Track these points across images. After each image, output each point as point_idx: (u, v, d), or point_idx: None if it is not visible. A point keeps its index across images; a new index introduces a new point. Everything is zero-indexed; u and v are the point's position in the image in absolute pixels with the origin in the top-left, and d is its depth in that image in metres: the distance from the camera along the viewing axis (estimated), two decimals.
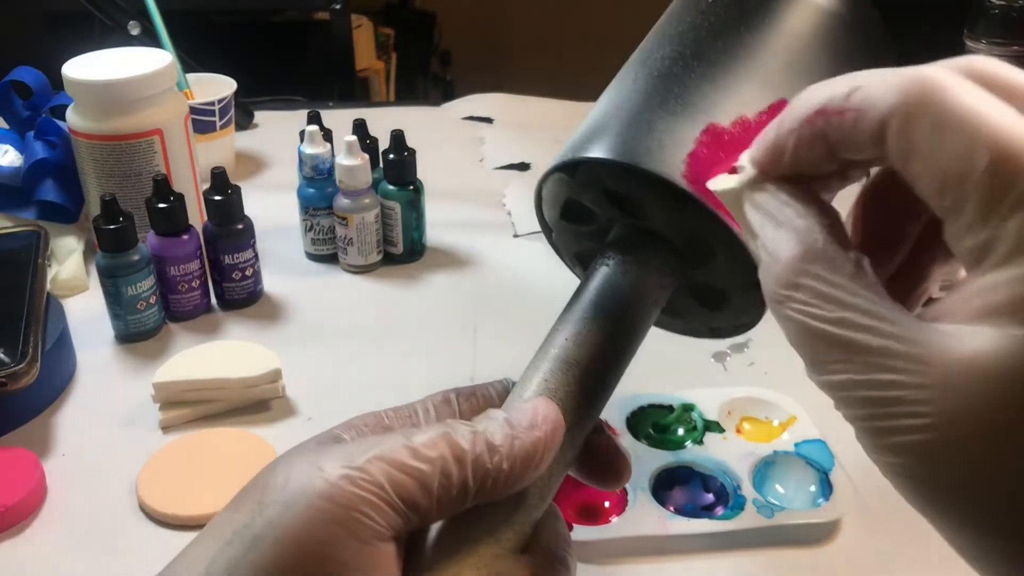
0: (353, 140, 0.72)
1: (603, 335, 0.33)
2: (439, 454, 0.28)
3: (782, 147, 0.26)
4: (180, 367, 0.60)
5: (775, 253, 0.25)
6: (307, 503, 0.26)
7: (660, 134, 0.32)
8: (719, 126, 0.32)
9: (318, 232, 0.77)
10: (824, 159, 0.25)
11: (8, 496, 0.51)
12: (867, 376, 0.22)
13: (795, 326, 0.24)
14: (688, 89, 0.33)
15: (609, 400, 0.34)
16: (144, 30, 0.95)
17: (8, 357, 0.57)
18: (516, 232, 0.84)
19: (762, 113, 0.32)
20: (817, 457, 0.54)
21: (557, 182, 0.37)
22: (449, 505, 0.28)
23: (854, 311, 0.23)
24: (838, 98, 0.24)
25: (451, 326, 0.70)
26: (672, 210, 0.33)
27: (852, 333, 0.23)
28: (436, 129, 1.08)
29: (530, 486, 0.30)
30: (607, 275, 0.34)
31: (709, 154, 0.31)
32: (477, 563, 0.28)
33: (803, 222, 0.25)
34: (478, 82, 1.33)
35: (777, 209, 0.26)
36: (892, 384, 0.22)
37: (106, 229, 0.64)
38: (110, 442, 0.58)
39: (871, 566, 0.49)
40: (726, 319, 0.36)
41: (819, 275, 0.24)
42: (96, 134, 0.71)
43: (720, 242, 0.32)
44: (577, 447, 0.33)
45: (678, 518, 0.50)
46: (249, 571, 0.25)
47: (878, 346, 0.22)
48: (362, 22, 2.00)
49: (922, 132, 0.22)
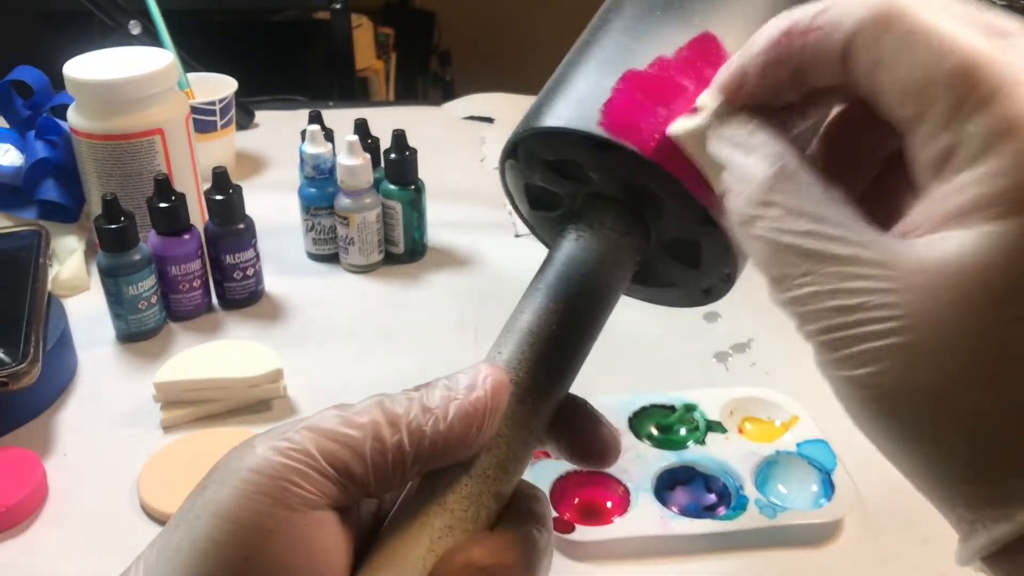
0: (355, 140, 0.72)
1: (556, 303, 0.33)
2: (371, 419, 0.28)
3: (745, 72, 0.27)
4: (181, 367, 0.60)
5: (745, 175, 0.26)
6: (239, 477, 0.26)
7: (579, 93, 0.32)
8: (635, 70, 0.32)
9: (319, 232, 0.77)
10: (788, 85, 0.26)
11: (9, 496, 0.51)
12: (835, 285, 0.22)
13: (763, 244, 0.24)
14: (605, 47, 0.33)
15: (611, 401, 0.34)
16: (145, 30, 0.95)
17: (9, 357, 0.56)
18: (517, 232, 0.84)
19: (681, 49, 0.32)
20: (819, 457, 0.54)
21: (512, 171, 0.37)
22: (387, 471, 0.28)
23: (824, 223, 0.23)
24: (805, 19, 0.25)
25: (452, 326, 0.70)
26: (602, 163, 0.33)
27: (821, 244, 0.23)
28: (437, 129, 1.08)
29: (484, 454, 0.30)
30: (562, 247, 0.34)
31: (626, 97, 0.31)
32: (430, 535, 0.28)
33: (775, 147, 0.26)
34: (478, 82, 1.33)
35: (747, 136, 0.26)
36: (860, 291, 0.22)
37: (107, 229, 0.64)
38: (111, 442, 0.58)
39: (873, 566, 0.49)
40: (711, 273, 0.36)
41: (792, 192, 0.24)
42: (97, 134, 0.71)
43: (657, 182, 0.32)
44: (543, 419, 0.32)
45: (680, 518, 0.50)
46: (189, 550, 0.26)
47: (847, 254, 0.23)
48: (362, 22, 2.00)
49: (888, 44, 0.23)
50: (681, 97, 0.31)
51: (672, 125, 0.30)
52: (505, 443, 0.30)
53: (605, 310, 0.34)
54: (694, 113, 0.29)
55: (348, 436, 0.27)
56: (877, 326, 0.22)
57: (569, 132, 0.32)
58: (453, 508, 0.29)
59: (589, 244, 0.34)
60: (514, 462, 0.31)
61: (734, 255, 0.33)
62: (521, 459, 0.31)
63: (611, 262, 0.34)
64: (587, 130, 0.31)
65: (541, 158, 0.35)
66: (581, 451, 0.33)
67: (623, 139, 0.31)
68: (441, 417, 0.28)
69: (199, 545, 0.25)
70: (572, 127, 0.32)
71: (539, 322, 0.32)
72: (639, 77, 0.32)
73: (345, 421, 0.28)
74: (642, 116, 0.31)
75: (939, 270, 0.21)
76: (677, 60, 0.32)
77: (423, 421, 0.28)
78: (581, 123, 0.31)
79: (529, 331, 0.32)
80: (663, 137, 0.31)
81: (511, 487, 0.31)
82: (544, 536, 0.30)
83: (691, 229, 0.34)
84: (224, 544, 0.25)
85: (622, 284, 0.35)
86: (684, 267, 0.36)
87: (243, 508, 0.26)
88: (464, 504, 0.29)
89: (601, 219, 0.34)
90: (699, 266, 0.35)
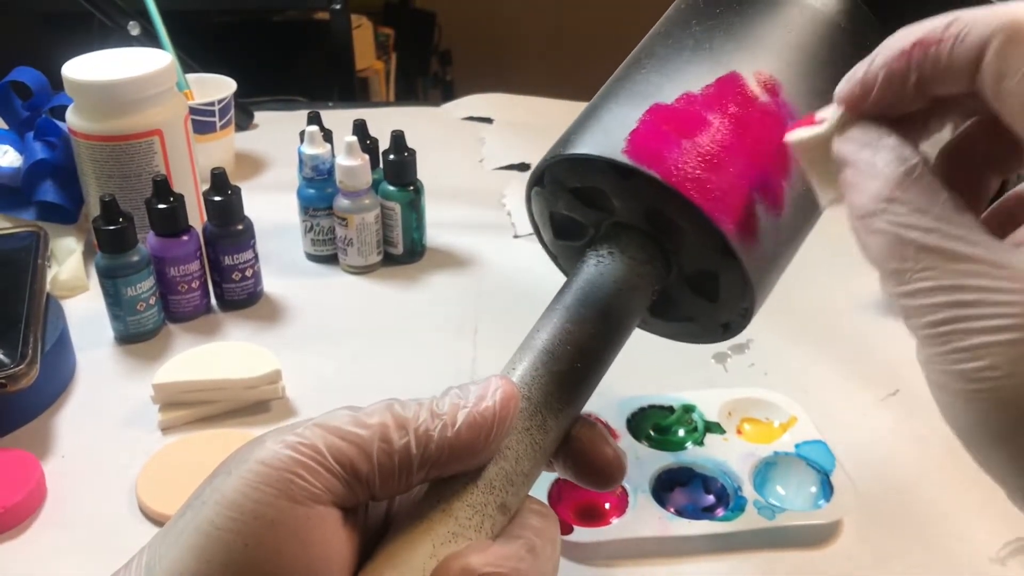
0: (353, 141, 0.72)
1: (573, 324, 0.33)
2: (379, 420, 0.28)
3: (872, 82, 0.28)
4: (180, 368, 0.60)
5: (873, 172, 0.26)
6: (246, 467, 0.27)
7: (605, 123, 0.33)
8: (662, 104, 0.33)
9: (318, 233, 0.77)
10: (912, 95, 0.27)
11: (8, 497, 0.51)
12: (954, 281, 0.24)
13: (884, 238, 0.26)
14: (636, 82, 0.34)
15: (610, 402, 0.34)
16: (144, 30, 0.95)
17: (8, 358, 0.56)
18: (516, 232, 0.84)
19: (708, 86, 0.33)
20: (818, 458, 0.54)
21: (538, 199, 0.38)
22: (392, 473, 0.28)
23: (947, 223, 0.24)
24: (937, 29, 0.26)
25: (451, 326, 0.70)
26: (625, 190, 0.33)
27: (945, 242, 0.24)
28: (436, 129, 1.08)
29: (491, 465, 0.30)
30: (582, 271, 0.35)
31: (651, 128, 0.32)
32: (432, 539, 0.28)
33: (904, 149, 0.27)
34: (478, 82, 1.33)
35: (876, 138, 0.27)
36: (979, 288, 0.23)
37: (106, 230, 0.64)
38: (110, 443, 0.58)
39: (872, 567, 0.49)
40: (729, 308, 0.36)
41: (919, 191, 0.25)
42: (96, 134, 0.71)
43: (678, 210, 0.32)
44: (552, 436, 0.32)
45: (679, 519, 0.50)
46: (192, 533, 0.26)
47: (968, 253, 0.24)
48: (362, 22, 2.00)
49: (1018, 55, 0.24)
50: (706, 131, 0.32)
51: (791, 133, 0.30)
52: (513, 456, 0.31)
53: (621, 335, 0.34)
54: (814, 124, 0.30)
55: (356, 435, 0.28)
56: (994, 321, 0.23)
57: (594, 159, 0.33)
58: (458, 515, 0.29)
59: (608, 269, 0.34)
60: (521, 476, 0.31)
61: (752, 289, 0.34)
62: (529, 474, 0.31)
63: (629, 289, 0.34)
64: (612, 157, 0.32)
65: (567, 185, 0.36)
66: (585, 470, 0.34)
67: (646, 166, 0.31)
68: (449, 424, 0.29)
69: (202, 529, 0.26)
70: (598, 154, 0.33)
71: (554, 342, 0.33)
72: (665, 110, 0.33)
73: (355, 421, 0.28)
74: (666, 146, 0.32)
75: None
76: (703, 96, 0.33)
77: (431, 426, 0.29)
78: (606, 150, 0.32)
79: (544, 350, 0.33)
80: (685, 166, 0.32)
81: (518, 500, 0.31)
82: (547, 549, 0.30)
83: (710, 260, 0.34)
84: (225, 529, 0.26)
85: (639, 312, 0.35)
86: (703, 300, 0.36)
87: (246, 496, 0.26)
88: (469, 512, 0.29)
89: (622, 246, 0.35)
90: (717, 299, 0.36)
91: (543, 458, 0.32)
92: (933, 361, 0.24)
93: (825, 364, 0.65)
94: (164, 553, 0.27)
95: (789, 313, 0.68)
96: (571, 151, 0.34)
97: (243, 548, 0.26)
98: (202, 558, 0.26)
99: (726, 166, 0.32)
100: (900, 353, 0.66)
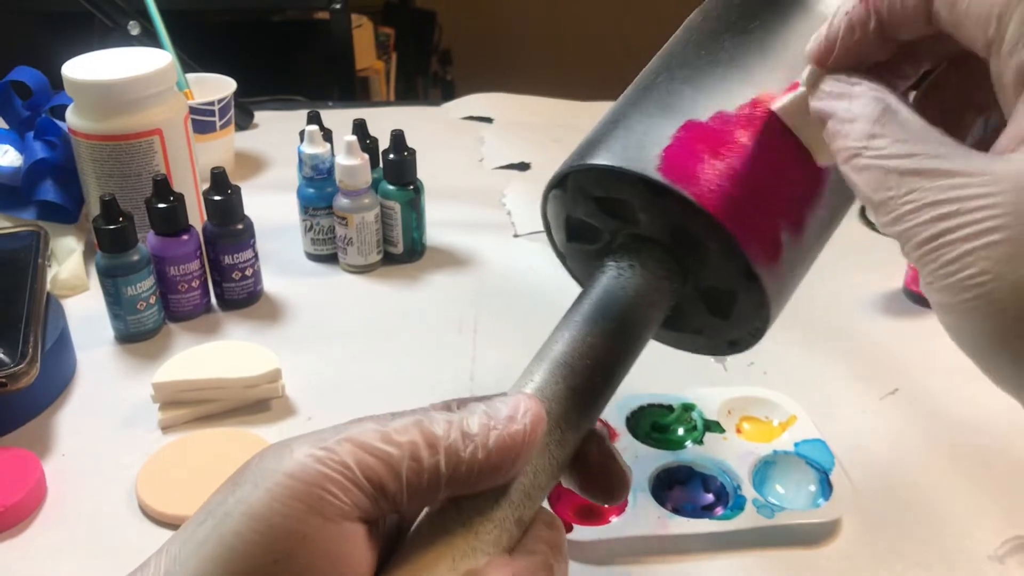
0: (353, 140, 0.72)
1: (594, 337, 0.33)
2: (409, 439, 0.28)
3: (833, 36, 0.29)
4: (180, 367, 0.60)
5: (851, 115, 0.27)
6: (274, 481, 0.26)
7: (639, 136, 0.33)
8: (696, 121, 0.33)
9: (318, 232, 0.77)
10: (876, 41, 0.28)
11: (8, 496, 0.51)
12: (936, 196, 0.24)
13: (870, 173, 0.26)
14: (670, 94, 0.34)
15: (609, 402, 0.34)
16: (144, 30, 0.95)
17: (8, 357, 0.57)
18: (516, 232, 0.84)
19: (743, 106, 0.33)
20: (817, 457, 0.54)
21: (555, 201, 0.38)
22: (420, 491, 0.28)
23: (926, 145, 0.25)
24: None
25: (451, 326, 0.70)
26: (654, 206, 0.33)
27: (924, 163, 0.25)
28: (436, 129, 1.08)
29: (513, 482, 0.30)
30: (601, 281, 0.35)
31: (686, 146, 0.32)
32: (452, 554, 0.28)
33: (875, 91, 0.27)
34: (478, 82, 1.33)
35: (848, 87, 0.28)
36: (960, 198, 0.23)
37: (106, 229, 0.64)
38: (110, 442, 0.58)
39: (871, 566, 0.49)
40: (740, 326, 0.36)
41: (894, 125, 0.26)
42: (96, 134, 0.71)
43: (708, 233, 0.32)
44: (568, 450, 0.32)
45: (678, 518, 0.50)
46: (216, 544, 0.26)
47: (948, 168, 0.24)
48: (362, 22, 2.00)
49: None
50: (739, 152, 0.32)
51: (775, 102, 0.31)
52: (532, 471, 0.31)
53: (637, 349, 0.34)
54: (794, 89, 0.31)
55: (387, 453, 0.28)
56: (977, 226, 0.23)
57: (627, 173, 0.32)
58: (478, 531, 0.29)
59: (629, 283, 0.34)
60: (538, 489, 0.31)
61: (768, 310, 0.34)
62: (544, 487, 0.31)
63: (648, 303, 0.34)
64: (645, 173, 0.32)
65: (591, 193, 0.35)
66: (592, 484, 0.34)
67: (681, 186, 0.31)
68: (480, 445, 0.29)
69: (227, 541, 0.26)
70: (630, 168, 0.32)
71: (574, 355, 0.33)
72: (700, 128, 0.32)
73: (385, 437, 0.28)
74: (701, 166, 0.32)
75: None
76: (738, 116, 0.32)
77: (461, 446, 0.28)
78: (639, 165, 0.32)
79: (564, 362, 0.32)
80: (719, 188, 0.31)
81: (533, 513, 0.31)
82: (560, 566, 0.31)
83: (731, 281, 0.34)
84: (253, 543, 0.26)
85: (655, 326, 0.35)
86: (715, 317, 0.36)
87: (276, 512, 0.26)
88: (489, 527, 0.29)
89: (643, 260, 0.34)
90: (730, 318, 0.35)
91: (559, 472, 0.32)
92: (930, 281, 0.24)
93: (825, 363, 0.65)
94: (184, 561, 0.26)
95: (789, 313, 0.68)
96: (601, 161, 0.33)
97: (272, 564, 0.26)
98: (227, 570, 0.25)
99: (758, 190, 0.32)
100: (900, 352, 0.66)
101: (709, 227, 0.32)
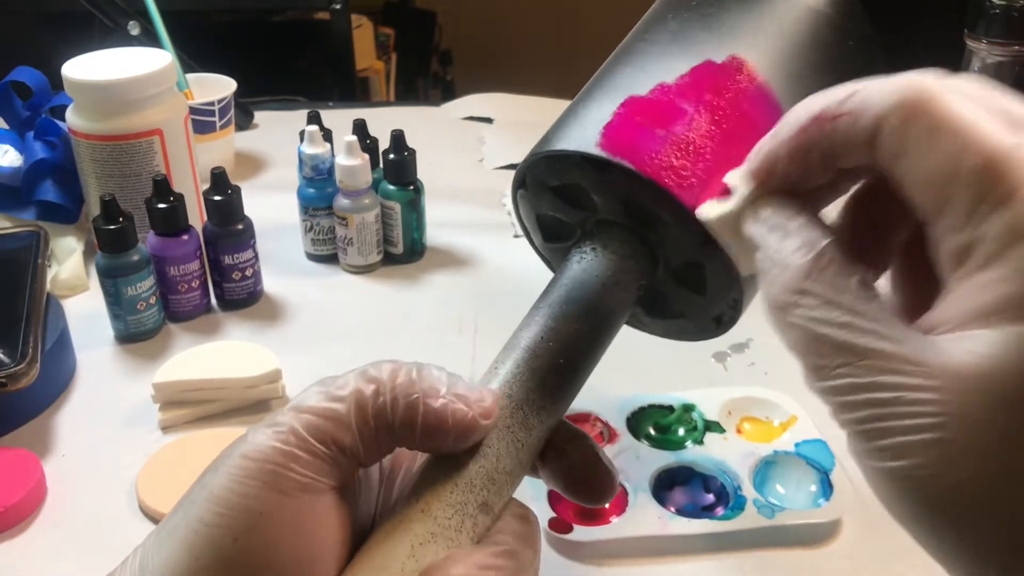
0: (353, 140, 0.72)
1: (556, 321, 0.33)
2: (352, 388, 0.29)
3: (776, 157, 0.27)
4: (180, 367, 0.60)
5: (783, 260, 0.26)
6: (232, 463, 0.27)
7: (581, 119, 0.34)
8: (637, 96, 0.33)
9: (318, 232, 0.77)
10: (818, 168, 0.26)
11: (8, 496, 0.51)
12: (871, 379, 0.23)
13: (799, 332, 0.25)
14: (613, 76, 0.35)
15: (610, 401, 0.34)
16: (144, 30, 0.95)
17: (8, 357, 0.57)
18: (516, 232, 0.84)
19: (682, 76, 0.33)
20: (818, 457, 0.54)
21: (524, 201, 0.38)
22: (374, 438, 0.28)
23: (860, 317, 0.23)
24: (834, 104, 0.25)
25: (451, 326, 0.70)
26: (601, 184, 0.34)
27: (858, 337, 0.23)
28: (436, 129, 1.08)
29: (471, 463, 0.30)
30: (565, 268, 0.35)
31: (625, 120, 0.32)
32: (411, 540, 0.28)
33: (812, 232, 0.26)
34: (478, 82, 1.33)
35: (785, 221, 0.27)
36: (896, 386, 0.22)
37: (106, 229, 0.64)
38: (110, 442, 0.58)
39: (871, 566, 0.49)
40: (718, 300, 0.36)
41: (828, 282, 0.24)
42: (96, 134, 0.71)
43: (654, 200, 0.32)
44: (536, 434, 0.32)
45: (678, 518, 0.50)
46: (184, 529, 0.27)
47: (881, 349, 0.23)
48: (362, 22, 2.00)
49: (915, 132, 0.23)
50: (679, 120, 0.32)
51: (702, 208, 0.30)
52: (494, 454, 0.31)
53: (606, 331, 0.34)
54: (724, 196, 0.29)
55: (331, 410, 0.28)
56: (913, 420, 0.22)
57: (570, 154, 0.33)
58: (437, 515, 0.29)
59: (591, 266, 0.34)
60: (503, 475, 0.31)
61: (737, 279, 0.34)
62: (511, 473, 0.31)
63: (613, 284, 0.34)
64: (586, 151, 0.32)
65: (548, 184, 0.36)
66: (576, 484, 0.33)
67: (621, 157, 0.31)
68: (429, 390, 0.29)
69: (192, 526, 0.27)
70: (573, 149, 0.33)
71: (536, 339, 0.33)
72: (639, 102, 0.33)
73: (328, 395, 0.29)
74: (639, 136, 0.32)
75: (971, 372, 0.21)
76: (677, 85, 0.33)
77: (412, 390, 0.29)
78: (581, 145, 0.32)
79: (526, 348, 0.33)
80: (660, 155, 0.31)
81: (500, 501, 0.31)
82: (528, 554, 0.30)
83: (693, 251, 0.34)
84: (215, 526, 0.26)
85: (625, 308, 0.35)
86: (692, 293, 0.36)
87: (232, 491, 0.27)
88: (448, 512, 0.29)
89: (605, 242, 0.35)
90: (706, 292, 0.36)
91: (527, 457, 0.32)
92: (861, 456, 0.24)
93: None
94: (156, 551, 0.27)
95: None
96: (547, 148, 0.34)
97: (232, 543, 0.26)
98: (192, 554, 0.26)
99: (703, 153, 0.32)
100: None
101: (657, 195, 0.32)
